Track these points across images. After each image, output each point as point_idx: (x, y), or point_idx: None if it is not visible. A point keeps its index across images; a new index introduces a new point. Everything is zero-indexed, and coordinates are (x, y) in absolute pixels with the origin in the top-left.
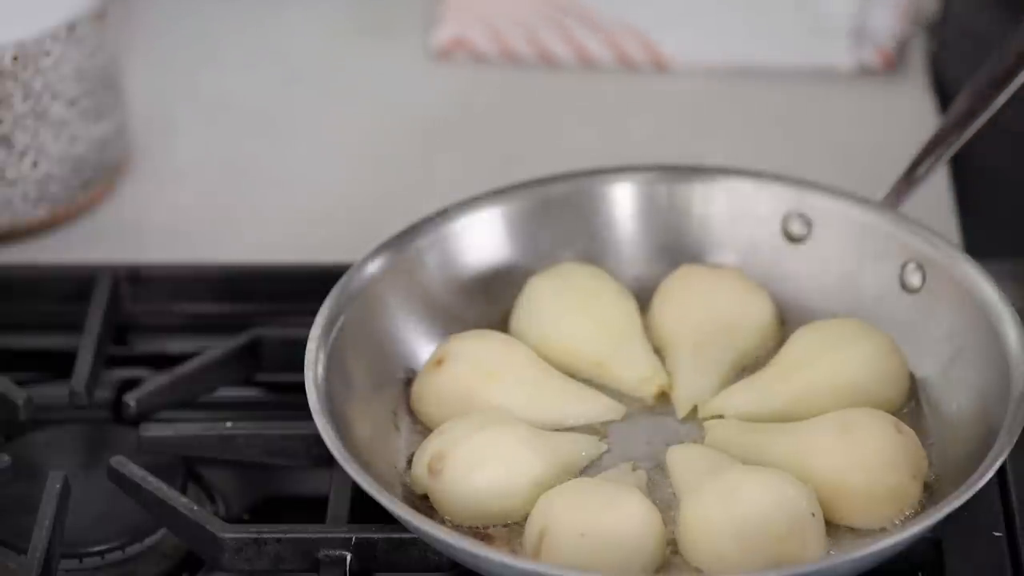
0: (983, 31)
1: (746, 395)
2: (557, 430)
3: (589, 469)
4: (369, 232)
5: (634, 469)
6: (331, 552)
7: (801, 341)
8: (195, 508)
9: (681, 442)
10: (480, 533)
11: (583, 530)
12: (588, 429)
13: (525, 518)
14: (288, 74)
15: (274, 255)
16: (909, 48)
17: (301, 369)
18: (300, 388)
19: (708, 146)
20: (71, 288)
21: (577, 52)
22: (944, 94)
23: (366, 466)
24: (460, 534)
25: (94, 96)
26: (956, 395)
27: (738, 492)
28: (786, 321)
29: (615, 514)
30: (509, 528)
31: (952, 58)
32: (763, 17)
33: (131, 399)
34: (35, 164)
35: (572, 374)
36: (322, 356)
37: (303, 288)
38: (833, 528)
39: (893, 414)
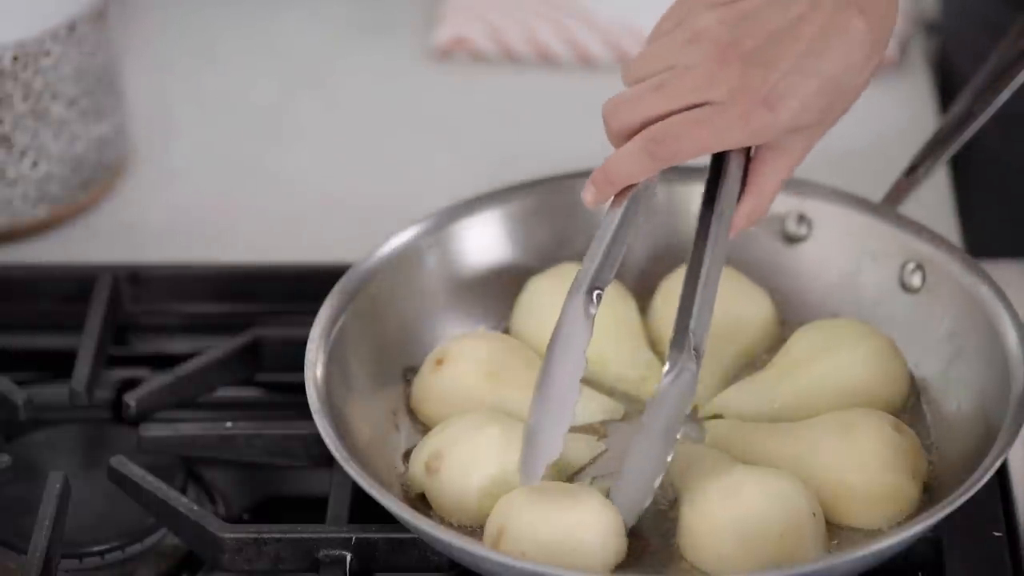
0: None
1: (746, 395)
2: None
3: (588, 469)
4: (369, 232)
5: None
6: (331, 552)
7: (801, 341)
8: (195, 508)
9: (681, 442)
10: (477, 532)
11: (541, 529)
12: (588, 429)
13: None
14: (288, 74)
15: (274, 255)
16: (910, 48)
17: (301, 369)
18: (300, 388)
19: None
20: (71, 288)
21: (577, 52)
22: (945, 94)
23: (366, 466)
24: (460, 534)
25: (94, 96)
26: (956, 395)
27: (739, 492)
28: (786, 321)
29: (573, 514)
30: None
31: (952, 58)
32: None
33: (131, 399)
34: (35, 164)
35: None
36: (322, 356)
37: (303, 288)
38: (833, 528)
39: (893, 414)
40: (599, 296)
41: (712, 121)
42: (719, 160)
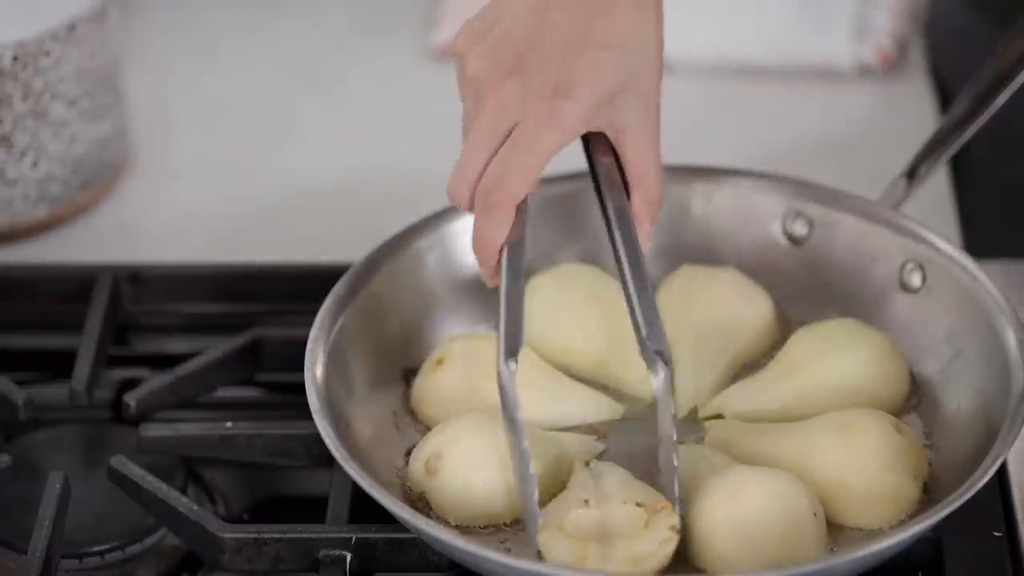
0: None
1: (746, 395)
2: (557, 430)
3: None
4: (369, 232)
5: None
6: (331, 552)
7: (801, 342)
8: (195, 508)
9: (681, 442)
10: (476, 532)
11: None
12: (588, 429)
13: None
14: (288, 74)
15: (274, 255)
16: (909, 48)
17: (301, 369)
18: (300, 388)
19: (708, 146)
20: (71, 288)
21: None
22: (944, 94)
23: (366, 466)
24: (460, 534)
25: (94, 96)
26: (956, 395)
27: (739, 492)
28: (786, 321)
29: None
30: (506, 527)
31: (952, 58)
32: (763, 17)
33: (131, 399)
34: (35, 164)
35: (572, 374)
36: (322, 356)
37: (303, 288)
38: (833, 528)
39: (893, 414)
40: (517, 360)
41: (522, 141)
42: (592, 164)
